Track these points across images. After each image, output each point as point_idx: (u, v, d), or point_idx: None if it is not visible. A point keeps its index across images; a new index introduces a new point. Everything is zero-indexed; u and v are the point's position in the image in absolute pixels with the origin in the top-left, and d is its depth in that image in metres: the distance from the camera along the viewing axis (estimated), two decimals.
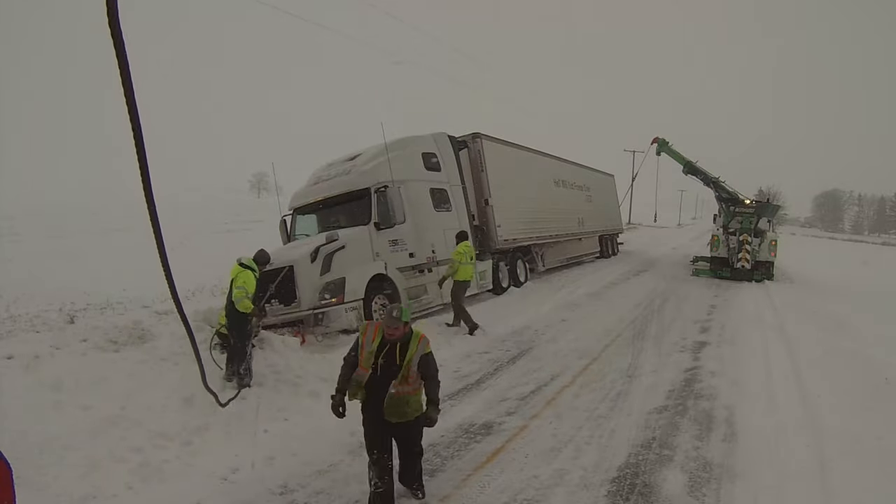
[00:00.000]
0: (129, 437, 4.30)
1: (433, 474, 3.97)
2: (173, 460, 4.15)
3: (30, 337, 6.17)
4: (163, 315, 7.12)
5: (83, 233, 19.55)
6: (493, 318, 9.14)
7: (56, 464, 3.84)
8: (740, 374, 6.08)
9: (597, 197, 18.68)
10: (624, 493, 3.56)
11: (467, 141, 11.23)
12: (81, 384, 4.92)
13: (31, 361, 5.11)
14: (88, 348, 5.71)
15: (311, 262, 7.31)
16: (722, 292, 12.53)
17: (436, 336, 7.84)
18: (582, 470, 3.90)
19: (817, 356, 6.60)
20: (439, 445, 4.47)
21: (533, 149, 14.16)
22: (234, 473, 4.05)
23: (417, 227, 8.91)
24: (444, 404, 5.47)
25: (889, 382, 5.44)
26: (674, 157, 17.80)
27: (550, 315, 9.76)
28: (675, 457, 4.04)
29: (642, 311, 9.92)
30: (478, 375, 6.43)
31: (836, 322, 9.03)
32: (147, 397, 4.91)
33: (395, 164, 8.52)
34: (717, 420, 4.76)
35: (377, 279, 7.85)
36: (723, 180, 16.66)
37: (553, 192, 14.96)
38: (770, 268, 14.78)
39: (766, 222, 15.32)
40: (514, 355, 7.27)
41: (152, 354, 5.79)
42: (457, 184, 10.32)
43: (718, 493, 3.54)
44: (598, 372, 6.37)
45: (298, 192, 9.59)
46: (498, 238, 11.17)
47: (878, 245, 50.51)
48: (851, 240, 60.76)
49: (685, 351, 7.17)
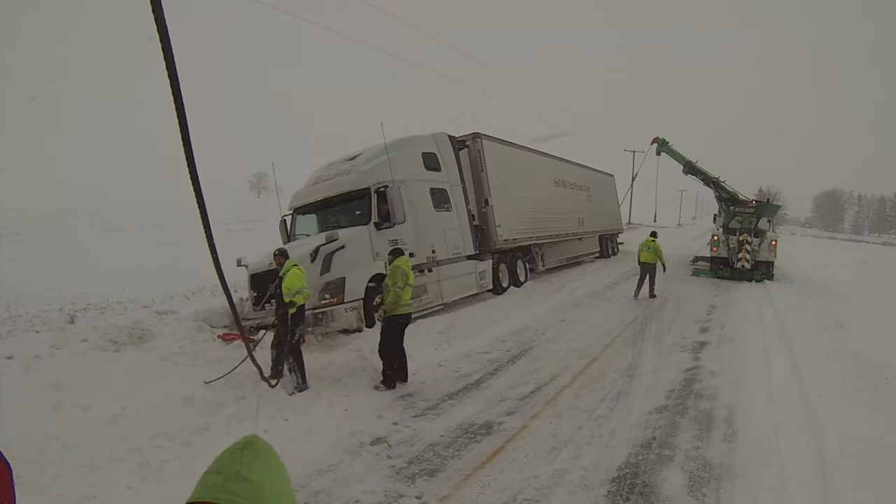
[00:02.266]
0: (129, 437, 4.30)
1: (433, 474, 3.98)
2: (173, 460, 4.15)
3: (30, 337, 6.18)
4: (163, 315, 7.12)
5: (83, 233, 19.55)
6: (492, 318, 9.15)
7: (56, 464, 3.84)
8: (740, 374, 6.08)
9: (597, 197, 18.69)
10: (624, 493, 3.55)
11: (467, 141, 11.24)
12: (81, 384, 4.93)
13: (31, 361, 5.12)
14: (88, 348, 5.72)
15: (311, 262, 7.31)
16: (722, 292, 12.54)
17: (436, 335, 7.87)
18: (582, 470, 3.90)
19: (817, 356, 6.60)
20: (439, 445, 4.47)
21: (533, 149, 14.17)
22: None
23: (417, 227, 8.91)
24: (444, 404, 5.50)
25: (889, 382, 5.44)
26: (674, 156, 17.82)
27: (550, 315, 9.76)
28: (675, 457, 4.04)
29: (642, 311, 9.93)
30: (478, 375, 6.43)
31: (836, 322, 9.02)
32: (147, 397, 4.91)
33: (395, 164, 8.52)
34: (717, 420, 4.76)
35: (377, 279, 7.85)
36: (723, 180, 16.67)
37: (553, 192, 14.97)
38: (770, 268, 14.79)
39: (766, 222, 15.33)
40: (513, 355, 7.27)
41: (152, 354, 5.80)
42: (457, 184, 10.32)
43: (718, 493, 3.54)
44: (598, 372, 6.37)
45: (298, 192, 9.59)
46: (498, 238, 11.17)
47: (878, 245, 50.51)
48: (851, 240, 60.76)
49: (685, 351, 7.17)
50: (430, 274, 9.17)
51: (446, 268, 9.55)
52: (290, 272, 5.79)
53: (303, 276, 5.84)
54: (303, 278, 5.83)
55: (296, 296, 5.68)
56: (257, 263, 7.90)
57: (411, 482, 3.87)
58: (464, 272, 10.10)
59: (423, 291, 8.99)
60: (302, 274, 5.86)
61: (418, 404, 5.55)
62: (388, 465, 4.17)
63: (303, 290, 5.77)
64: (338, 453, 4.39)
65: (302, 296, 5.76)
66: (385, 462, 4.22)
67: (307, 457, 4.32)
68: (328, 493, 3.76)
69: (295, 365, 5.70)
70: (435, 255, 9.31)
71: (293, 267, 5.88)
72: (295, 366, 5.69)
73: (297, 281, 5.73)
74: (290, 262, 5.98)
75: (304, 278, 5.84)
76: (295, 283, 5.70)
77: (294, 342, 5.71)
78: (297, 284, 5.70)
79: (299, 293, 5.72)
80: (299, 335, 5.79)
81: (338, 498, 3.71)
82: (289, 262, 5.98)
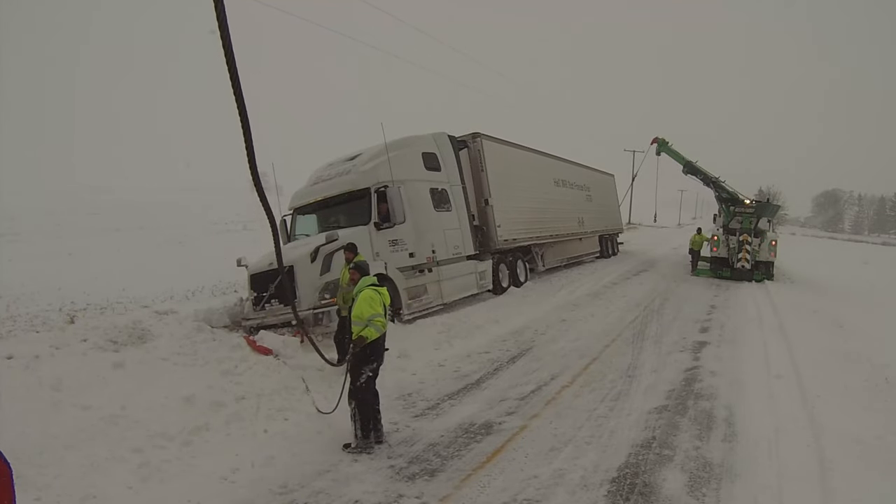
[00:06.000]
0: (129, 437, 4.30)
1: (433, 474, 3.98)
2: (173, 460, 4.15)
3: (30, 337, 6.17)
4: (163, 315, 7.12)
5: (83, 233, 19.55)
6: (493, 318, 9.15)
7: (56, 464, 3.84)
8: (740, 373, 6.08)
9: (597, 197, 18.69)
10: (624, 493, 3.56)
11: (467, 141, 11.24)
12: (81, 384, 4.93)
13: (31, 361, 5.12)
14: (88, 348, 5.71)
15: (311, 262, 7.31)
16: (722, 292, 12.54)
17: (436, 335, 7.87)
18: (582, 470, 3.90)
19: (817, 356, 6.61)
20: (439, 445, 4.48)
21: (533, 148, 14.17)
22: (234, 473, 4.05)
23: (417, 227, 8.91)
24: (444, 404, 5.50)
25: (889, 382, 5.45)
26: (674, 156, 17.83)
27: (550, 315, 9.76)
28: (674, 457, 4.04)
29: (642, 311, 9.93)
30: (478, 375, 6.43)
31: (835, 322, 9.04)
32: (147, 397, 4.91)
33: (395, 164, 8.52)
34: (717, 420, 4.76)
35: (377, 279, 7.83)
36: (723, 180, 16.68)
37: (553, 192, 14.96)
38: (770, 268, 14.80)
39: (766, 222, 15.34)
40: (514, 355, 7.27)
41: (152, 354, 5.79)
42: (457, 184, 10.32)
43: (718, 492, 3.54)
44: (598, 372, 6.37)
45: (298, 191, 9.59)
46: (498, 238, 11.17)
47: (878, 245, 50.50)
48: (851, 240, 60.74)
49: (685, 351, 7.17)
50: (430, 274, 9.17)
51: (446, 268, 9.55)
52: (361, 294, 4.47)
53: (376, 301, 4.44)
54: (376, 303, 4.43)
55: (366, 328, 4.34)
56: (257, 263, 7.89)
57: (411, 482, 3.88)
58: (464, 272, 10.10)
59: (423, 291, 8.99)
60: (375, 298, 4.44)
61: (418, 404, 5.55)
62: (388, 465, 4.18)
63: (375, 317, 4.36)
64: (338, 453, 4.40)
65: (375, 328, 4.35)
66: (385, 462, 4.22)
67: (307, 457, 4.33)
68: (328, 494, 3.76)
69: (357, 415, 4.42)
70: (435, 255, 9.31)
71: (366, 288, 4.52)
72: (357, 416, 4.42)
73: (369, 307, 4.36)
74: (365, 282, 4.61)
75: (378, 303, 4.44)
76: (366, 310, 4.34)
77: (358, 384, 4.45)
78: (368, 311, 4.34)
79: (370, 324, 4.34)
80: (365, 376, 4.46)
81: (338, 498, 3.71)
82: (363, 281, 4.62)
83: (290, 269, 7.19)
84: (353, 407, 4.43)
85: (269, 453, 4.34)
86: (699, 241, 17.07)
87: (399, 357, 6.78)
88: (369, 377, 4.46)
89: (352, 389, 4.46)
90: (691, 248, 17.17)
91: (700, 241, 17.07)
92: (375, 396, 4.61)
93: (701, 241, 17.05)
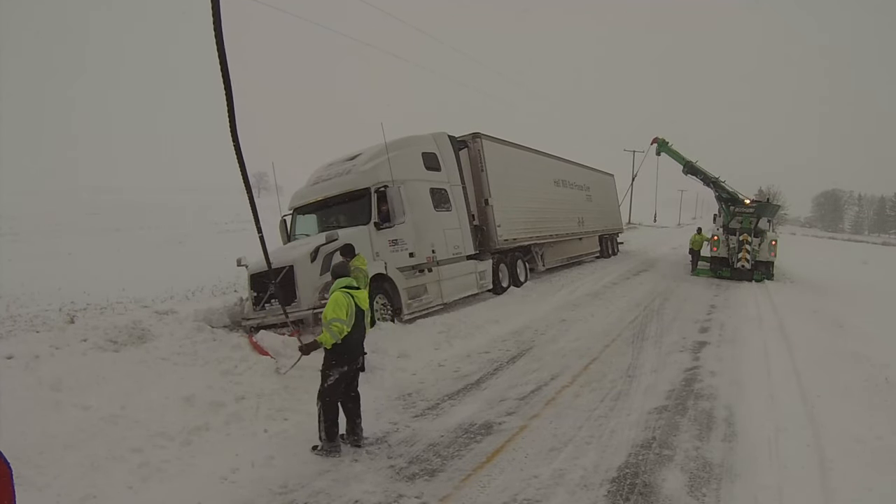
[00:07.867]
0: (129, 437, 4.30)
1: (433, 474, 3.98)
2: (173, 460, 4.15)
3: (30, 337, 6.17)
4: (163, 315, 7.12)
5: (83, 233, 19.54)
6: (492, 318, 9.15)
7: (56, 464, 3.84)
8: (740, 373, 6.08)
9: (597, 197, 18.69)
10: (624, 493, 3.55)
11: (467, 141, 11.24)
12: (81, 384, 4.93)
13: (31, 361, 5.12)
14: (88, 348, 5.71)
15: (311, 262, 7.31)
16: (722, 292, 12.54)
17: (436, 335, 7.87)
18: (582, 470, 3.90)
19: (817, 356, 6.60)
20: (439, 445, 4.47)
21: (533, 148, 14.16)
22: (234, 473, 4.05)
23: (417, 227, 8.91)
24: (444, 404, 5.50)
25: (889, 382, 5.44)
26: (674, 157, 17.83)
27: (550, 315, 9.76)
28: (675, 457, 4.04)
29: (642, 311, 9.93)
30: (478, 375, 6.43)
31: (836, 322, 9.03)
32: (147, 397, 4.91)
33: (394, 164, 8.52)
34: (717, 420, 4.76)
35: (377, 279, 7.84)
36: (723, 180, 16.68)
37: (553, 192, 14.97)
38: (770, 267, 14.81)
39: (766, 222, 15.35)
40: (513, 355, 7.27)
41: (152, 354, 5.79)
42: (457, 184, 10.32)
43: (718, 493, 3.54)
44: (598, 372, 6.37)
45: (298, 191, 9.59)
46: (498, 238, 11.17)
47: (878, 245, 50.51)
48: (851, 240, 60.78)
49: (685, 351, 7.17)
50: (430, 274, 9.17)
51: (446, 268, 9.55)
52: (331, 296, 4.44)
53: (342, 305, 4.33)
54: (341, 307, 4.32)
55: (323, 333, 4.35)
56: (257, 263, 7.88)
57: (411, 482, 3.88)
58: (464, 272, 10.10)
59: (423, 291, 8.99)
60: (342, 302, 4.34)
61: (418, 404, 5.55)
62: (388, 465, 4.18)
63: (334, 322, 4.28)
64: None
65: (330, 333, 4.28)
66: (385, 462, 4.22)
67: (307, 456, 4.32)
68: (328, 494, 3.76)
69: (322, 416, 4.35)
70: (435, 254, 9.31)
71: (338, 290, 4.47)
72: (322, 417, 4.35)
73: (332, 310, 4.32)
74: (339, 283, 4.53)
75: (343, 307, 4.32)
76: (328, 313, 4.33)
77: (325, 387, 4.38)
78: (329, 314, 4.32)
79: (327, 328, 4.30)
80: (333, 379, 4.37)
81: (338, 498, 3.71)
82: (337, 283, 4.55)
83: (289, 268, 7.19)
84: (319, 407, 4.37)
85: (269, 453, 4.34)
86: (699, 240, 17.01)
87: (399, 357, 6.78)
88: (337, 379, 4.37)
89: (320, 390, 4.40)
90: (691, 248, 17.15)
91: (700, 240, 16.99)
92: (354, 400, 4.59)
93: (701, 240, 16.96)
